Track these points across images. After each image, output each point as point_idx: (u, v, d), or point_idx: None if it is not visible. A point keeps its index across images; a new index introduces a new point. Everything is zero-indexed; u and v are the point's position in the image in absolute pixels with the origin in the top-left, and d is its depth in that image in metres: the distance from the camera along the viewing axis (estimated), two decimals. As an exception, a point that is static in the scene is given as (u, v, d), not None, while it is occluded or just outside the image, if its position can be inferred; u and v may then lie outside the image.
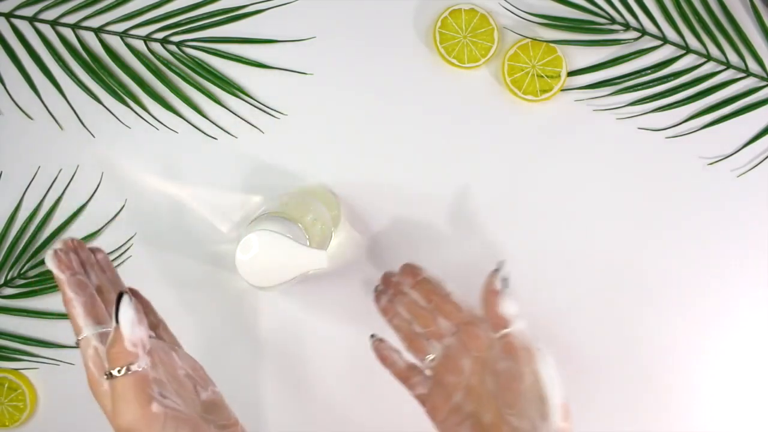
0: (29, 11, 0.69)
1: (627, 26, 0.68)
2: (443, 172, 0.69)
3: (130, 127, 0.69)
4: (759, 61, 0.68)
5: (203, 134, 0.69)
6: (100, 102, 0.69)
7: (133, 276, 0.65)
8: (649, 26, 0.68)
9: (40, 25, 0.69)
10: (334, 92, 0.68)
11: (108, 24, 0.68)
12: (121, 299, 0.46)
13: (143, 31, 0.69)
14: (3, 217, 0.69)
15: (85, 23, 0.69)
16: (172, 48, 0.69)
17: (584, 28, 0.67)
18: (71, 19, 0.69)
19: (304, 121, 0.69)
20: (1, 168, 0.69)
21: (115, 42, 0.69)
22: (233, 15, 0.68)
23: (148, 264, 0.69)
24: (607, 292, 0.69)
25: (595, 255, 0.69)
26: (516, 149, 0.69)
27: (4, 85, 0.69)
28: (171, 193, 0.69)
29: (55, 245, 0.51)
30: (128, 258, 0.69)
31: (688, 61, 0.68)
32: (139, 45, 0.69)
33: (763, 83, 0.68)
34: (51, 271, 0.49)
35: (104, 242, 0.69)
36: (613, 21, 0.68)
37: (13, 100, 0.69)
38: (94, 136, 0.69)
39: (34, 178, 0.69)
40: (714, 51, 0.68)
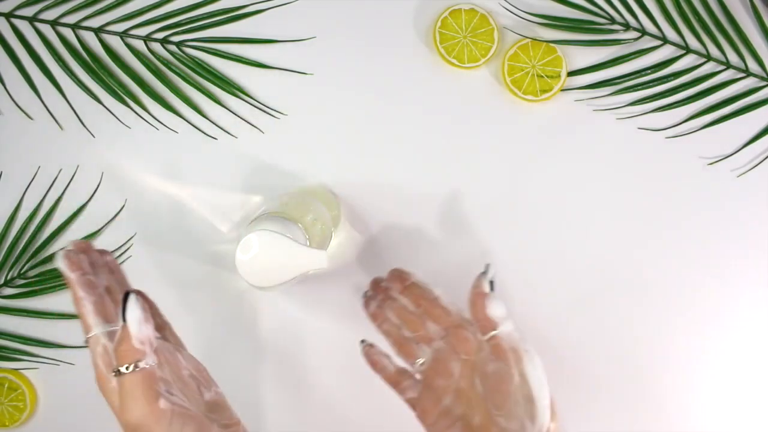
0: (29, 11, 0.69)
1: (627, 26, 0.68)
2: (443, 172, 0.69)
3: (130, 127, 0.69)
4: (759, 61, 0.68)
5: (203, 134, 0.69)
6: (100, 102, 0.69)
7: (133, 276, 0.65)
8: (649, 26, 0.68)
9: (40, 25, 0.69)
10: (334, 92, 0.68)
11: (108, 24, 0.68)
12: (128, 298, 0.47)
13: (143, 31, 0.69)
14: (3, 217, 0.69)
15: (85, 23, 0.69)
16: (172, 48, 0.69)
17: (584, 28, 0.67)
18: (71, 19, 0.69)
19: (304, 121, 0.69)
20: (1, 168, 0.69)
21: (115, 42, 0.69)
22: (233, 15, 0.68)
23: (148, 264, 0.69)
24: (607, 292, 0.69)
25: (595, 255, 0.69)
26: (516, 149, 0.69)
27: (4, 85, 0.69)
28: (171, 193, 0.69)
29: (66, 246, 0.52)
30: (128, 258, 0.69)
31: (688, 61, 0.68)
32: (139, 45, 0.69)
33: (763, 83, 0.68)
34: (61, 271, 0.50)
35: (104, 242, 0.69)
36: (613, 21, 0.68)
37: (13, 100, 0.69)
38: (94, 136, 0.69)
39: (34, 178, 0.69)
40: (714, 51, 0.68)
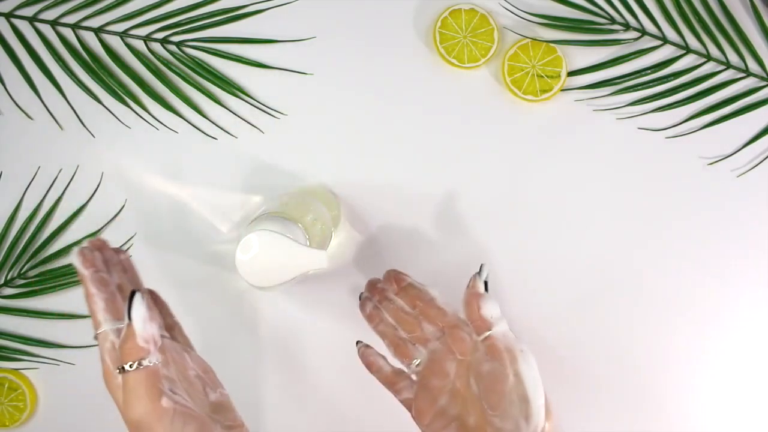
0: (29, 11, 0.69)
1: (627, 26, 0.68)
2: (443, 172, 0.69)
3: (130, 127, 0.69)
4: (759, 61, 0.68)
5: (203, 134, 0.69)
6: (100, 102, 0.69)
7: (133, 276, 0.65)
8: (649, 26, 0.68)
9: (40, 25, 0.69)
10: (334, 92, 0.68)
11: (108, 24, 0.68)
12: (134, 297, 0.48)
13: (143, 31, 0.69)
14: (3, 217, 0.69)
15: (85, 23, 0.69)
16: (172, 48, 0.69)
17: (584, 28, 0.67)
18: (71, 19, 0.69)
19: (304, 121, 0.69)
20: (1, 168, 0.69)
21: (115, 42, 0.69)
22: (233, 15, 0.68)
23: (148, 264, 0.69)
24: (607, 292, 0.69)
25: (595, 255, 0.69)
26: (516, 149, 0.69)
27: (4, 85, 0.69)
28: (171, 193, 0.69)
29: (81, 243, 0.53)
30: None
31: (688, 61, 0.68)
32: (139, 45, 0.69)
33: (763, 83, 0.68)
34: (75, 267, 0.51)
35: (104, 242, 0.69)
36: (613, 21, 0.68)
37: (13, 100, 0.69)
38: (94, 136, 0.69)
39: (34, 178, 0.69)
40: (714, 51, 0.68)
